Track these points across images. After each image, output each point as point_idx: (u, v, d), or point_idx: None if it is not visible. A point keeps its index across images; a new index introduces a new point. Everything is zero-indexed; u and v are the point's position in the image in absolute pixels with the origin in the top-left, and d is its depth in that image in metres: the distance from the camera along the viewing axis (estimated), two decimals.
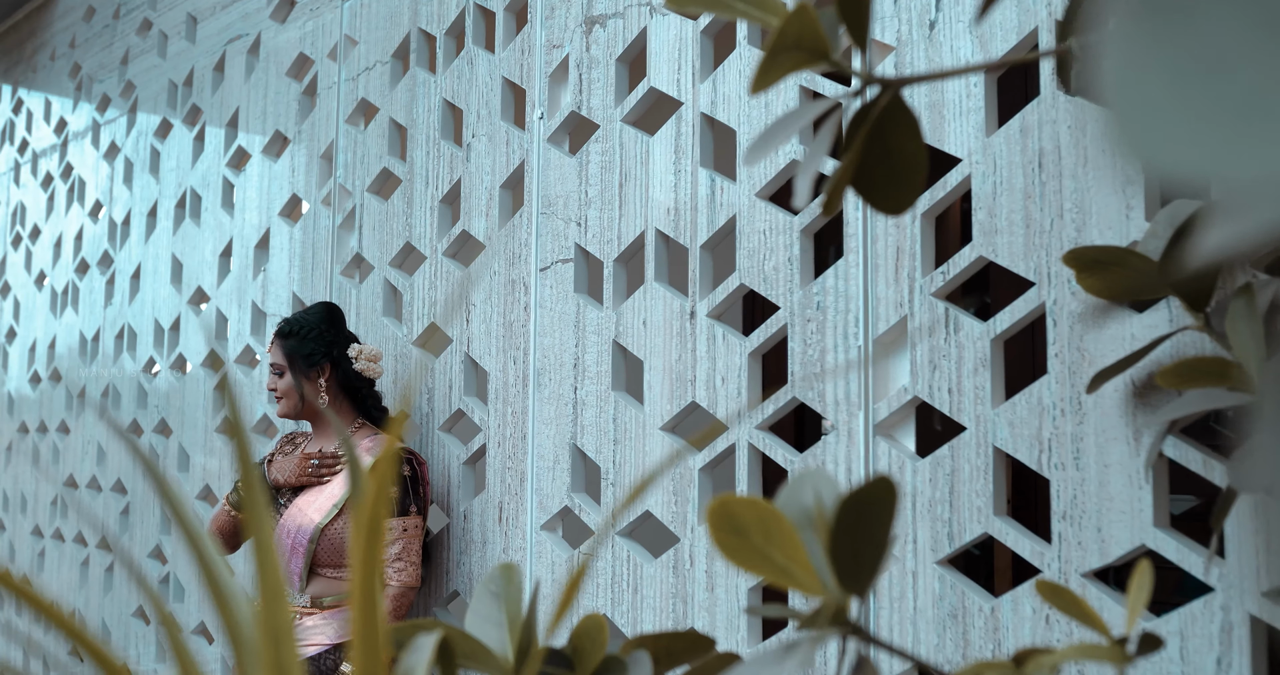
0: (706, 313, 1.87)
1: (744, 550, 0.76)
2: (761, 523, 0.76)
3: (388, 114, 2.60)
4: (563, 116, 2.17)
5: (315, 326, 2.28)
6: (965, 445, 1.52)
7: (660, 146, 1.97)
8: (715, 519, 0.75)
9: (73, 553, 3.75)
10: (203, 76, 3.32)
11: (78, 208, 3.98)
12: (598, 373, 2.04)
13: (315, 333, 2.27)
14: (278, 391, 2.27)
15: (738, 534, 0.76)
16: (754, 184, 1.82)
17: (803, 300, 1.73)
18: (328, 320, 2.31)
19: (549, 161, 2.18)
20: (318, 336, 2.27)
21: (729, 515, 0.76)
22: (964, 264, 1.56)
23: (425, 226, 2.46)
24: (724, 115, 1.88)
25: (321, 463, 2.28)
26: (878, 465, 1.62)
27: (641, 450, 1.94)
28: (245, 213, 3.06)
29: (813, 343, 1.72)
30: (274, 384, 2.28)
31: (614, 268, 2.04)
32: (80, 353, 3.83)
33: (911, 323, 1.60)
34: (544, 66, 2.22)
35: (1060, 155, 1.47)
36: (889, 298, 1.63)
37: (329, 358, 2.27)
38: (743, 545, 0.75)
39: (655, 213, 1.97)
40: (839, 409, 1.67)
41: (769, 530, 0.76)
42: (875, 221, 1.65)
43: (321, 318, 2.30)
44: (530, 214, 2.20)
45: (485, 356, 2.27)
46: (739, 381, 1.81)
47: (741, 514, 0.76)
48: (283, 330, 2.28)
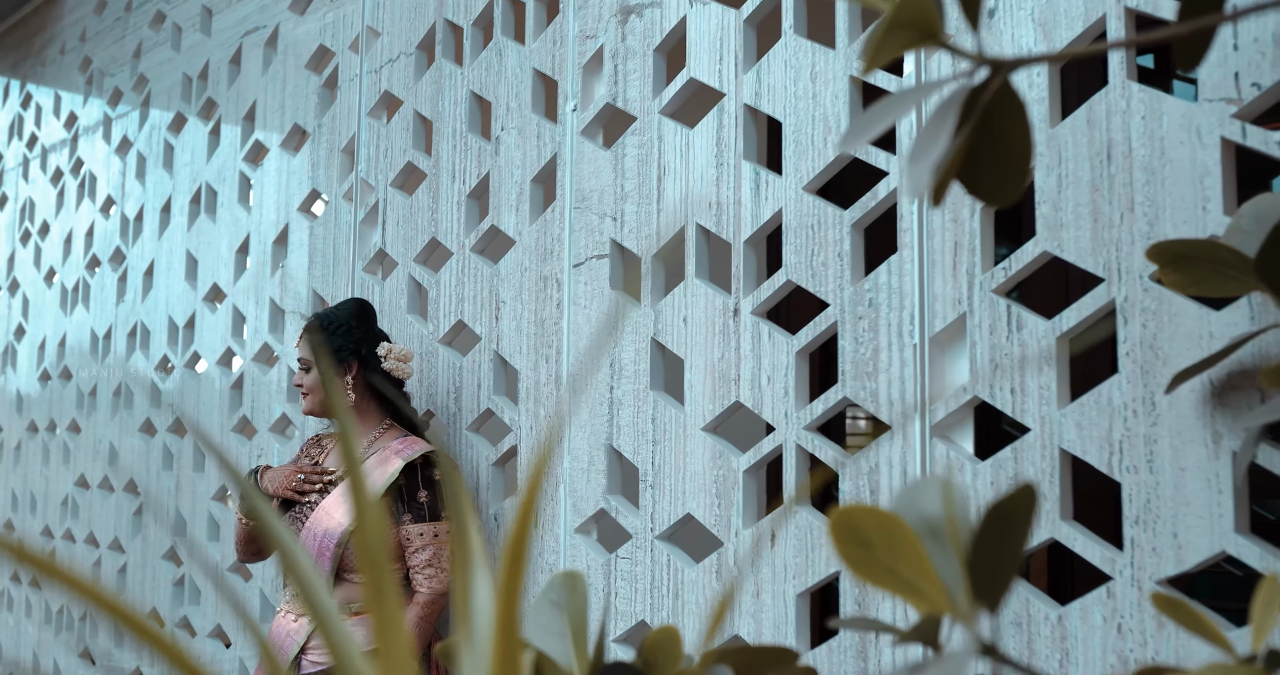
0: (751, 310, 1.82)
1: (870, 564, 0.70)
2: (886, 535, 0.71)
3: (412, 107, 2.54)
4: (597, 109, 2.11)
5: (345, 322, 2.22)
6: (1029, 447, 1.47)
7: (701, 139, 1.92)
8: (839, 531, 0.69)
9: (84, 554, 3.69)
10: (218, 69, 3.26)
11: (88, 203, 3.92)
12: (635, 371, 1.98)
13: (344, 328, 2.22)
14: (304, 387, 2.22)
15: (863, 546, 0.70)
16: (801, 177, 1.77)
17: (854, 297, 1.68)
18: (358, 316, 2.25)
19: (582, 155, 2.12)
20: (346, 332, 2.22)
21: (853, 527, 0.70)
22: (1027, 260, 1.50)
23: (452, 222, 2.40)
24: (769, 107, 1.82)
25: (308, 478, 2.22)
26: (934, 468, 1.57)
27: (682, 451, 1.89)
28: (263, 208, 3.01)
29: (865, 341, 1.66)
30: (300, 379, 2.22)
31: (652, 264, 1.98)
32: (91, 350, 3.77)
33: (970, 320, 1.55)
34: (577, 58, 2.16)
35: (1131, 147, 1.42)
36: (946, 294, 1.58)
37: (357, 355, 2.22)
38: (868, 558, 0.70)
39: (696, 207, 1.92)
40: (893, 409, 1.62)
41: (894, 542, 0.71)
42: (932, 216, 1.60)
43: (352, 314, 2.25)
44: (563, 209, 2.14)
45: (515, 355, 2.21)
46: (786, 381, 1.76)
47: (865, 525, 0.70)
48: (312, 325, 2.23)
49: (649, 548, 1.93)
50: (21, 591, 4.09)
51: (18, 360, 4.32)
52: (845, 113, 1.72)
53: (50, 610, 3.86)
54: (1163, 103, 1.39)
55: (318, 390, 2.21)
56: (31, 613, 4.01)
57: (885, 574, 0.71)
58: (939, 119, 0.80)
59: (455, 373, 2.35)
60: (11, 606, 4.17)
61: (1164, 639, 1.33)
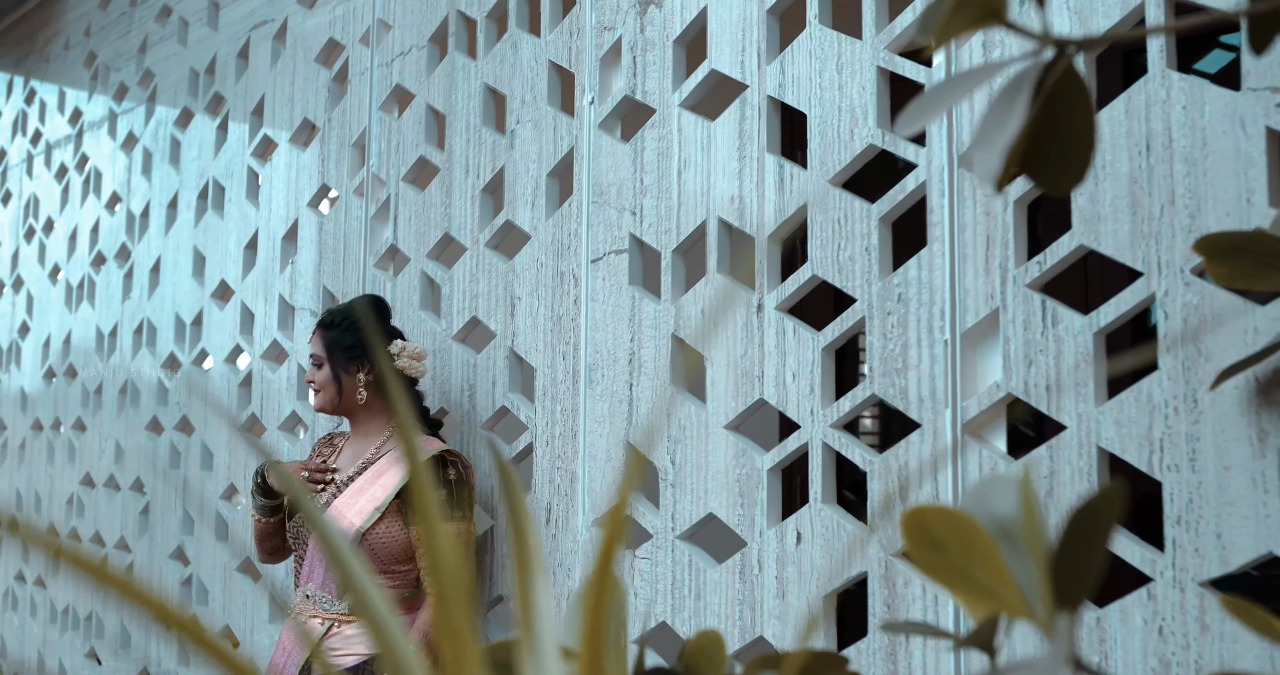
0: (775, 305, 1.78)
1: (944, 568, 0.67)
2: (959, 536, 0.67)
3: (424, 100, 2.51)
4: (615, 101, 2.08)
5: (359, 319, 2.19)
6: (1066, 446, 1.44)
7: (723, 131, 1.88)
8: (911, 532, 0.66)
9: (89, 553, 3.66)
10: (226, 64, 3.22)
11: (93, 200, 3.88)
12: (655, 368, 1.95)
13: (358, 325, 2.18)
14: (315, 383, 2.18)
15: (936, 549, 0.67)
16: (827, 170, 1.73)
17: (882, 292, 1.64)
18: (372, 313, 2.22)
19: (600, 148, 2.09)
20: (360, 329, 2.18)
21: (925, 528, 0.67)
22: (1062, 253, 1.47)
23: (465, 217, 2.37)
24: (793, 98, 1.79)
25: (312, 475, 2.19)
26: (966, 467, 1.53)
27: (704, 449, 1.85)
28: (271, 203, 2.97)
29: (893, 337, 1.63)
30: (312, 375, 2.18)
31: (672, 258, 1.95)
32: (97, 348, 3.74)
33: (1004, 315, 1.51)
34: (594, 50, 2.12)
35: (1171, 138, 1.38)
36: (978, 289, 1.54)
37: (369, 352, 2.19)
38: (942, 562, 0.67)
39: (717, 201, 1.88)
40: (923, 407, 1.58)
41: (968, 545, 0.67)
42: (963, 209, 1.57)
43: (366, 310, 2.22)
44: (580, 203, 2.11)
45: (532, 352, 2.18)
46: (811, 378, 1.72)
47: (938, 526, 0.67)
48: (325, 320, 2.19)
49: (669, 547, 1.89)
50: (26, 590, 4.06)
51: (22, 358, 4.28)
52: (873, 104, 1.68)
53: (55, 610, 3.83)
54: (1205, 92, 1.36)
55: (329, 387, 2.17)
56: (37, 612, 3.98)
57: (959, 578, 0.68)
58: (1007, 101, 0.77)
59: (469, 370, 2.32)
60: (16, 606, 4.14)
61: (1207, 642, 1.30)
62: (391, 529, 2.09)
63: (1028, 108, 0.73)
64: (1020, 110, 0.73)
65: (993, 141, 0.75)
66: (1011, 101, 0.76)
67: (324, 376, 2.17)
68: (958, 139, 1.58)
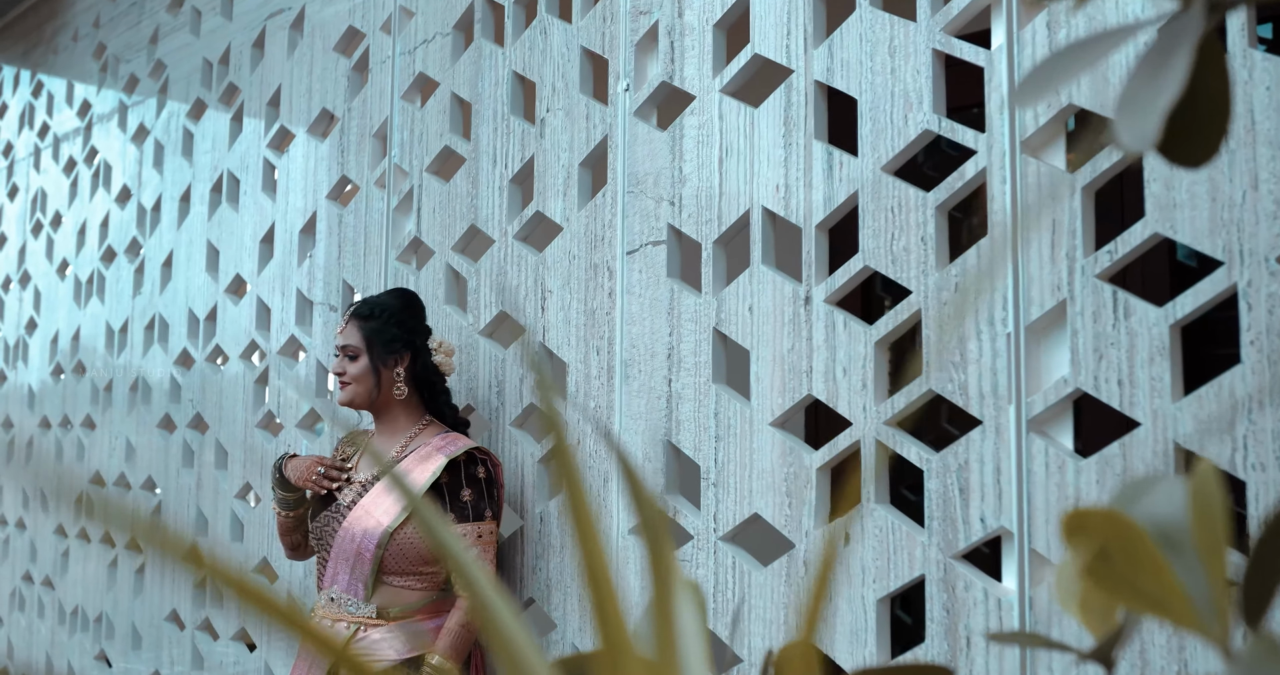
0: (824, 298, 1.72)
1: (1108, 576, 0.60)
2: (1124, 543, 0.60)
3: (449, 89, 2.44)
4: (651, 88, 2.01)
5: (398, 311, 2.13)
6: (1140, 443, 1.37)
7: (767, 118, 1.82)
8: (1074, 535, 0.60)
9: (99, 553, 3.59)
10: (240, 54, 3.16)
11: (103, 193, 3.81)
12: (695, 364, 1.88)
13: (398, 318, 2.12)
14: (346, 376, 2.10)
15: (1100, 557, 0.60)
16: (879, 157, 1.67)
17: (939, 283, 1.58)
18: (410, 307, 2.15)
19: (636, 136, 2.02)
20: (400, 322, 2.12)
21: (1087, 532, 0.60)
22: (1135, 242, 1.41)
23: (493, 208, 2.30)
24: (842, 83, 1.72)
25: (328, 471, 2.12)
26: (1032, 465, 1.47)
27: (748, 447, 1.79)
28: (289, 196, 2.90)
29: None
30: (342, 368, 2.10)
31: (713, 250, 1.88)
32: (107, 344, 3.67)
33: (1071, 307, 1.45)
34: (629, 35, 2.06)
35: (1254, 120, 1.32)
36: (1044, 280, 1.48)
37: (411, 346, 2.12)
38: (1107, 571, 0.60)
39: (762, 190, 1.82)
40: (984, 402, 1.52)
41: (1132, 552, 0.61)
42: (1027, 196, 1.50)
43: (405, 303, 2.15)
44: (615, 193, 2.04)
45: (564, 347, 2.11)
46: (864, 373, 1.66)
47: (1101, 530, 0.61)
48: (363, 312, 2.11)
49: (711, 549, 1.83)
50: (34, 591, 3.99)
51: (29, 355, 4.21)
52: (928, 88, 1.62)
53: (64, 610, 3.76)
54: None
55: (365, 379, 2.09)
56: (45, 613, 3.91)
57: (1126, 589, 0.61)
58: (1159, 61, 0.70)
59: (497, 366, 2.25)
60: (24, 606, 4.07)
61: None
62: (419, 529, 2.02)
63: (1188, 66, 0.66)
64: (1180, 69, 0.67)
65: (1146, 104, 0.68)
66: (1165, 61, 0.69)
67: (360, 369, 2.09)
68: (1020, 123, 1.51)
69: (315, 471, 2.13)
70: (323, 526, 2.11)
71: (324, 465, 2.14)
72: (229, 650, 2.94)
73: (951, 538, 1.54)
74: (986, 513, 1.50)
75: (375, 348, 2.09)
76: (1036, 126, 1.50)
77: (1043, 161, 1.50)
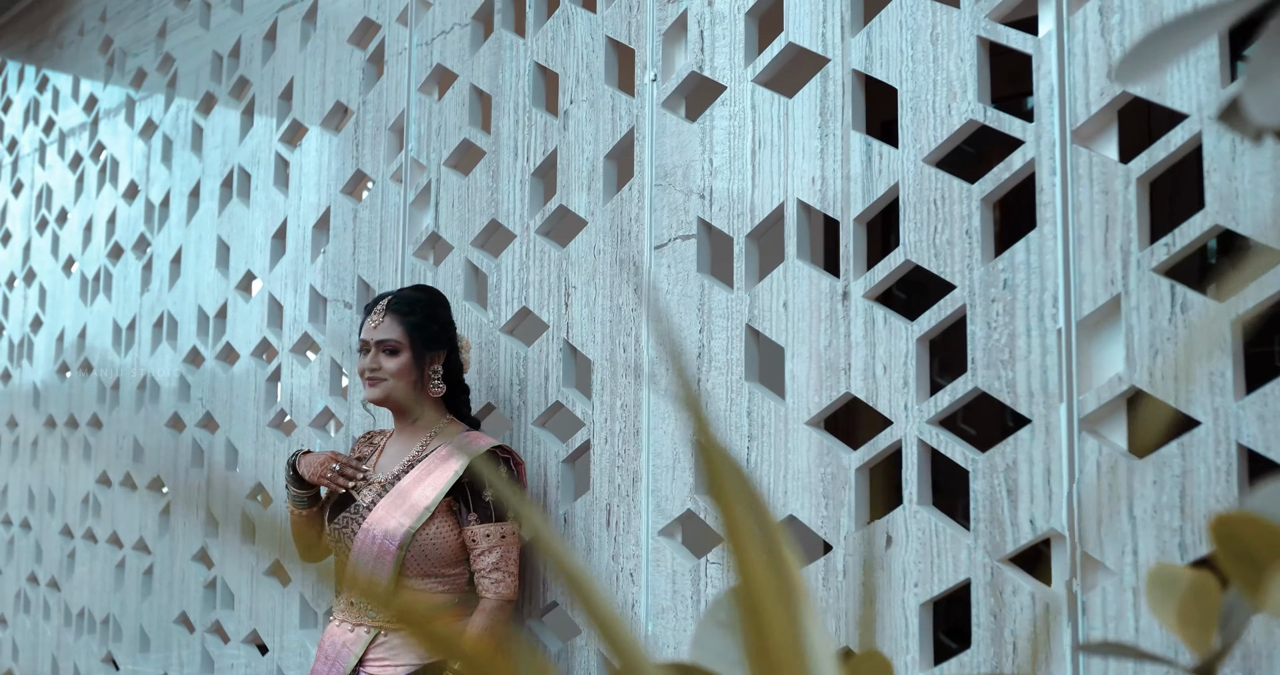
0: (863, 293, 1.67)
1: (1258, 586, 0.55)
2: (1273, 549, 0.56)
3: (468, 80, 2.39)
4: (680, 78, 1.96)
5: (434, 306, 2.09)
6: (1200, 443, 1.32)
7: (802, 108, 1.77)
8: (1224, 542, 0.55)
9: (106, 554, 3.54)
10: (251, 46, 3.10)
11: (110, 189, 3.76)
12: (727, 361, 1.83)
13: (434, 313, 2.08)
14: (382, 372, 2.03)
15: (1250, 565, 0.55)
16: (920, 148, 1.62)
17: (985, 278, 1.53)
18: (442, 303, 2.11)
19: (664, 128, 1.97)
20: (436, 317, 2.08)
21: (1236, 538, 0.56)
22: (1194, 234, 1.36)
23: (514, 202, 2.25)
24: (881, 72, 1.67)
25: (343, 468, 2.06)
26: (1084, 465, 1.42)
27: (783, 447, 1.74)
28: (301, 191, 2.85)
29: (999, 326, 1.51)
30: (378, 363, 2.03)
31: (746, 244, 1.83)
32: (114, 342, 3.62)
33: (1126, 302, 1.40)
34: (656, 24, 2.01)
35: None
36: (1096, 273, 1.43)
37: (449, 343, 2.08)
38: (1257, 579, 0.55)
39: (797, 182, 1.77)
40: (1033, 400, 1.47)
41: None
42: (1078, 188, 1.45)
43: (437, 299, 2.11)
44: (642, 186, 1.99)
45: (588, 344, 2.06)
46: (905, 370, 1.61)
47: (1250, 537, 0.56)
48: (402, 307, 2.05)
49: None
50: (39, 592, 3.94)
51: (34, 353, 4.16)
52: (972, 77, 1.57)
53: (70, 613, 3.71)
54: None
55: (406, 375, 2.04)
56: (50, 615, 3.86)
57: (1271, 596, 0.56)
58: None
59: (519, 363, 2.20)
60: (29, 608, 4.02)
61: None
62: (442, 530, 1.97)
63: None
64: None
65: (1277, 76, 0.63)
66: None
67: (400, 365, 2.03)
68: (1071, 112, 1.46)
69: (330, 468, 2.08)
70: (341, 528, 2.05)
71: (339, 462, 2.08)
72: (240, 653, 2.89)
73: (999, 540, 1.49)
74: (1036, 514, 1.45)
75: (417, 343, 2.04)
76: (1088, 115, 1.45)
77: (1095, 152, 1.45)
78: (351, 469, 2.08)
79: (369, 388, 2.03)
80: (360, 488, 2.07)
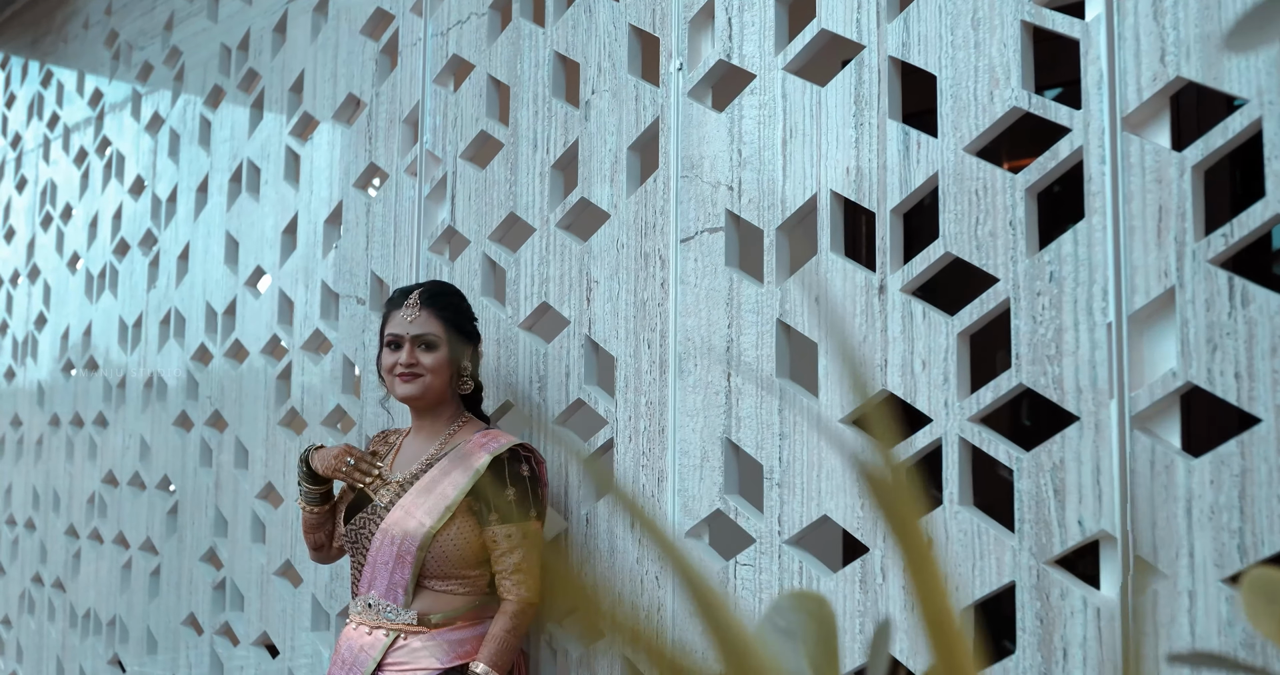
0: (900, 287, 1.62)
1: None
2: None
3: (485, 71, 2.34)
4: (707, 67, 1.91)
5: (462, 300, 2.06)
6: (1261, 441, 1.27)
7: (835, 97, 1.72)
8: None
9: (112, 555, 3.49)
10: (260, 39, 3.05)
11: (116, 184, 3.71)
12: (757, 357, 1.78)
13: (464, 308, 2.05)
14: (420, 367, 1.97)
15: None
16: (961, 137, 1.56)
17: (1030, 270, 1.48)
18: (465, 298, 2.07)
19: (690, 118, 1.92)
20: (466, 312, 2.04)
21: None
22: (1254, 224, 1.30)
23: (533, 195, 2.20)
24: (919, 58, 1.62)
25: (358, 462, 2.01)
26: (1136, 464, 1.36)
27: (816, 445, 1.69)
28: (313, 185, 2.80)
29: (1045, 320, 1.46)
30: (415, 358, 1.97)
31: (776, 237, 1.78)
32: (120, 339, 3.57)
33: (1180, 295, 1.35)
34: (682, 11, 1.96)
35: None
36: (1149, 265, 1.37)
37: (477, 338, 2.05)
38: None
39: (830, 173, 1.71)
40: (1081, 397, 1.42)
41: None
42: (1129, 177, 1.40)
43: (460, 293, 2.07)
44: (667, 178, 1.94)
45: (611, 340, 2.01)
46: (945, 366, 1.55)
47: None
48: (438, 300, 2.00)
49: (775, 553, 1.72)
50: (44, 593, 3.89)
51: (39, 351, 4.11)
52: (1016, 63, 1.52)
53: (76, 614, 3.66)
54: None
55: (443, 371, 1.98)
56: (55, 616, 3.81)
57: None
58: None
59: (538, 360, 2.15)
60: (34, 609, 3.97)
61: None
62: (464, 530, 1.92)
63: None
64: None
65: None
66: None
67: (439, 360, 1.97)
68: (1121, 97, 1.41)
69: (345, 461, 2.02)
70: (358, 529, 2.00)
71: (354, 455, 2.03)
72: (249, 655, 2.84)
73: (1045, 542, 1.43)
74: (1085, 515, 1.40)
75: (453, 338, 1.99)
76: (1139, 102, 1.40)
77: (1146, 139, 1.40)
78: (366, 464, 2.03)
79: (405, 384, 1.97)
80: (377, 487, 2.01)
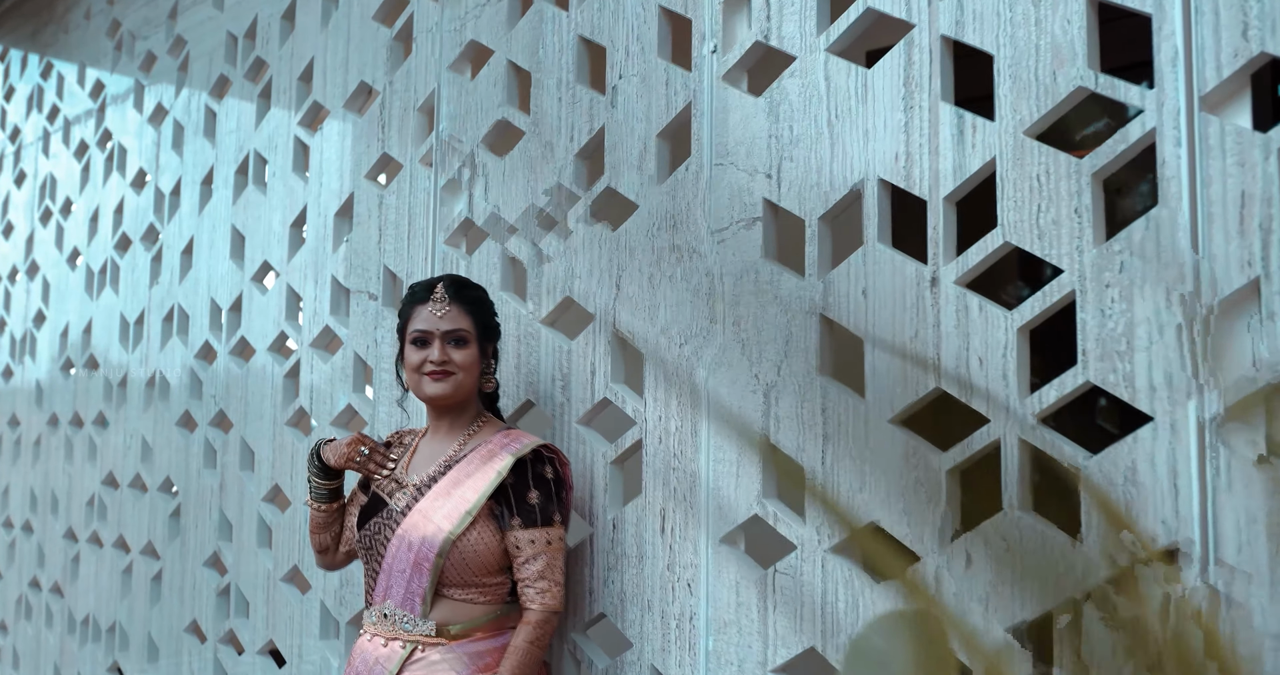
0: (954, 279, 1.52)
1: None
2: None
3: (505, 57, 2.25)
4: (743, 49, 1.82)
5: (485, 294, 1.97)
6: None
7: (883, 79, 1.62)
8: None
9: (112, 558, 3.39)
10: (268, 26, 2.96)
11: (117, 178, 3.62)
12: (802, 352, 1.68)
13: (488, 302, 1.97)
14: (452, 365, 1.87)
15: None
16: (1020, 120, 1.47)
17: (1098, 261, 1.39)
18: (487, 292, 1.99)
19: (725, 103, 1.83)
20: (489, 306, 1.96)
21: None
22: None
23: (556, 186, 2.10)
24: (975, 37, 1.53)
25: (372, 453, 1.92)
26: (1216, 469, 1.27)
27: (863, 446, 1.59)
28: (322, 176, 2.71)
29: (1114, 314, 1.37)
30: (446, 355, 1.88)
31: (819, 227, 1.69)
32: (121, 337, 3.47)
33: (1266, 286, 1.25)
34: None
35: None
36: (1230, 255, 1.28)
37: (499, 334, 1.97)
38: None
39: (877, 159, 1.62)
40: (1155, 396, 1.33)
41: None
42: (1208, 161, 1.31)
43: (483, 288, 1.99)
44: (700, 166, 1.85)
45: (640, 336, 1.92)
46: (1004, 363, 1.46)
47: None
48: (464, 294, 1.91)
49: (818, 561, 1.63)
50: (42, 598, 3.79)
51: (37, 349, 4.01)
52: (1081, 40, 1.43)
53: (74, 620, 3.56)
54: None
55: (474, 368, 1.90)
56: (53, 622, 3.71)
57: None
58: None
59: (561, 357, 2.06)
60: (31, 614, 3.87)
61: None
62: (484, 535, 1.82)
63: None
64: None
65: None
66: None
67: (470, 357, 1.88)
68: (1198, 76, 1.32)
69: (359, 450, 1.93)
70: (373, 535, 1.90)
71: (368, 445, 1.94)
72: (255, 664, 2.74)
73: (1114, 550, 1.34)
74: (1160, 524, 1.31)
75: (481, 334, 1.91)
76: (1219, 80, 1.31)
77: (1227, 120, 1.31)
78: (381, 455, 1.94)
79: (436, 382, 1.87)
80: (392, 490, 1.92)
